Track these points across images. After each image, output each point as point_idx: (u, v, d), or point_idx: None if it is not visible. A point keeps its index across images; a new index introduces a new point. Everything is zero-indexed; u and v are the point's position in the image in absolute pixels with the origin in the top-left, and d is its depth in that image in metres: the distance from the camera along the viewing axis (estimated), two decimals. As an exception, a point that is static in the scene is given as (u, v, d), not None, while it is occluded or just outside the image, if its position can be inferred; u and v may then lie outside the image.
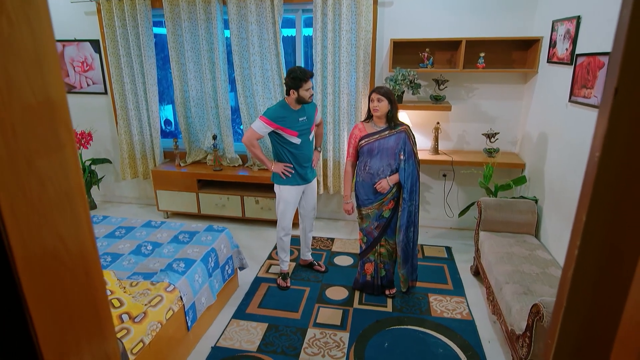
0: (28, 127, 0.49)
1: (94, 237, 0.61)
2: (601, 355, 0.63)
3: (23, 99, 0.48)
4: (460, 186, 3.94)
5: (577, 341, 0.66)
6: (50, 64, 0.52)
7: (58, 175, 0.54)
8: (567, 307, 0.61)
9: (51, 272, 0.53)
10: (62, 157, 0.55)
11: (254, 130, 2.76)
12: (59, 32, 4.20)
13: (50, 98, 0.52)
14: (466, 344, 2.52)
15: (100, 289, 0.64)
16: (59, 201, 0.54)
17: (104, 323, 0.65)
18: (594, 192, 0.53)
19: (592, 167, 0.52)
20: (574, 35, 2.63)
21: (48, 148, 0.52)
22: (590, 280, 0.58)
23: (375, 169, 2.68)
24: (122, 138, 4.31)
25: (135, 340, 1.90)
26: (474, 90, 3.68)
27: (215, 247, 2.73)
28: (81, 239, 0.58)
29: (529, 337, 1.99)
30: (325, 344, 2.52)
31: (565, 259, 0.59)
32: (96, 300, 0.63)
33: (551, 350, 0.70)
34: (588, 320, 0.62)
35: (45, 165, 0.51)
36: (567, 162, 2.72)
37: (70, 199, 0.56)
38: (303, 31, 3.94)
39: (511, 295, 2.34)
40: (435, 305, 2.89)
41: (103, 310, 0.65)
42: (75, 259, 0.58)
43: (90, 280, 0.61)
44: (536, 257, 2.71)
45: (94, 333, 0.63)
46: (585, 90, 2.46)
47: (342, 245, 3.77)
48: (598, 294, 0.59)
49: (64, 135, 0.55)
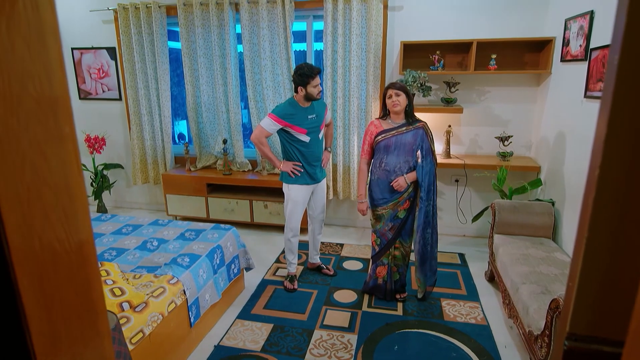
0: (29, 119, 0.49)
1: (92, 233, 0.60)
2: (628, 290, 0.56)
3: (23, 91, 0.48)
4: (474, 191, 3.85)
5: (601, 280, 0.59)
6: (53, 56, 0.52)
7: (58, 170, 0.54)
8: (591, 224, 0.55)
9: (48, 267, 0.52)
10: (63, 151, 0.54)
11: (263, 128, 2.75)
12: (78, 41, 4.33)
13: (52, 91, 0.52)
14: (481, 348, 2.38)
15: (97, 287, 0.63)
16: (58, 195, 0.54)
17: (99, 322, 0.64)
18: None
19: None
20: (588, 30, 2.58)
21: (48, 141, 0.52)
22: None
23: (392, 166, 2.61)
24: (134, 143, 4.36)
25: (134, 330, 1.84)
26: (486, 94, 3.64)
27: (221, 244, 2.68)
28: (79, 234, 0.58)
29: (548, 335, 1.87)
30: (332, 346, 2.41)
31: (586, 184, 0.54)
32: (92, 297, 0.63)
33: (573, 292, 0.64)
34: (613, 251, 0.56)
35: (45, 158, 0.51)
36: (584, 160, 2.62)
37: (70, 193, 0.56)
38: (314, 45, 3.98)
39: (528, 295, 2.22)
40: (448, 309, 2.77)
41: (99, 307, 0.64)
42: (72, 255, 0.57)
43: (86, 277, 0.61)
44: (554, 258, 2.59)
45: (88, 332, 0.62)
46: (601, 83, 2.39)
47: (351, 250, 3.68)
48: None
49: (66, 128, 0.55)
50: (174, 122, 4.80)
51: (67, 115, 0.55)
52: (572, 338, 0.65)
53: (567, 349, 0.65)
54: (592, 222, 0.56)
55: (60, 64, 0.53)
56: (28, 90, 0.48)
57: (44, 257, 0.52)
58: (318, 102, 2.87)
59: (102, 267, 2.21)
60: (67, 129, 0.55)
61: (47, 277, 0.52)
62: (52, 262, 0.53)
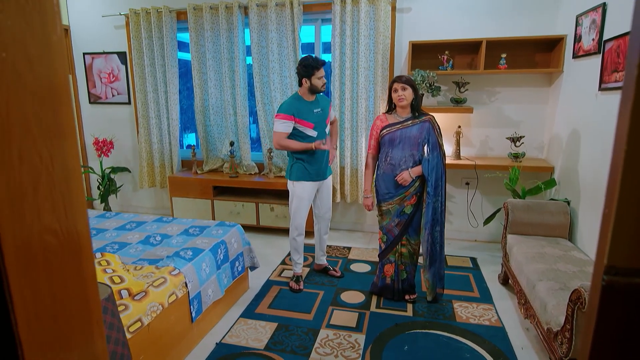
0: (27, 110, 0.48)
1: (88, 229, 0.59)
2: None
3: (21, 81, 0.46)
4: (485, 195, 3.75)
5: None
6: (55, 48, 0.51)
7: (55, 162, 0.52)
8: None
9: (41, 261, 0.51)
10: (61, 143, 0.53)
11: (278, 132, 2.71)
12: (90, 46, 4.41)
13: (51, 82, 0.51)
14: (496, 350, 2.25)
15: (91, 285, 0.61)
16: (55, 188, 0.52)
17: (93, 320, 0.62)
18: None
19: None
20: (601, 23, 2.53)
21: (47, 134, 0.51)
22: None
23: (397, 160, 2.56)
24: (142, 146, 4.36)
25: (133, 318, 1.77)
26: (496, 94, 3.58)
27: (225, 240, 2.62)
28: (75, 229, 0.56)
29: (569, 329, 1.75)
30: (339, 345, 2.30)
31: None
32: (87, 293, 0.60)
33: (610, 219, 0.57)
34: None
35: (43, 150, 0.50)
36: (600, 155, 2.54)
37: (68, 185, 0.55)
38: (322, 56, 3.99)
39: (546, 291, 2.10)
40: (460, 311, 2.65)
41: (93, 304, 0.62)
42: (66, 250, 0.55)
43: (81, 274, 0.59)
44: (572, 257, 2.47)
45: (81, 330, 0.60)
46: (616, 74, 2.33)
47: (359, 253, 3.58)
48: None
49: (64, 121, 0.53)
50: (182, 134, 4.82)
51: (66, 101, 0.53)
52: (612, 272, 0.57)
53: (606, 284, 0.58)
54: (632, 128, 0.50)
55: (62, 56, 0.52)
56: (25, 79, 0.47)
57: (35, 248, 0.49)
58: (322, 98, 2.86)
59: (103, 257, 2.15)
60: (65, 120, 0.53)
61: (37, 268, 0.50)
62: (44, 254, 0.51)
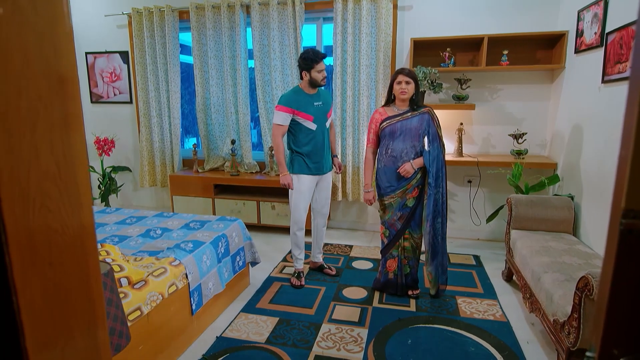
0: (33, 101, 0.48)
1: (93, 221, 0.59)
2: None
3: (31, 71, 0.47)
4: (487, 192, 3.72)
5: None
6: (62, 40, 0.52)
7: (61, 153, 0.53)
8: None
9: (45, 251, 0.51)
10: (67, 134, 0.53)
11: (277, 125, 2.71)
12: (92, 45, 4.42)
13: (60, 73, 0.51)
14: (501, 344, 2.21)
15: (94, 275, 0.61)
16: (59, 180, 0.53)
17: (96, 311, 0.62)
18: None
19: None
20: (603, 16, 2.54)
21: (53, 123, 0.51)
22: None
23: (398, 152, 2.54)
24: (143, 145, 4.36)
25: (132, 306, 1.74)
26: (498, 92, 3.58)
27: (226, 234, 2.59)
28: (80, 221, 0.57)
29: (577, 318, 1.72)
30: (341, 339, 2.27)
31: None
32: (90, 286, 0.60)
33: (627, 160, 0.55)
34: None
35: (48, 141, 0.51)
36: (603, 148, 2.52)
37: (74, 178, 0.55)
38: (326, 62, 3.97)
39: (551, 282, 2.07)
40: (464, 307, 2.61)
41: (96, 295, 0.62)
42: (71, 241, 0.55)
43: (85, 264, 0.59)
44: (577, 250, 2.44)
45: (84, 321, 0.60)
46: (619, 65, 2.32)
47: (361, 251, 3.55)
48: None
49: (72, 111, 0.54)
50: (184, 139, 4.81)
51: (74, 92, 0.53)
52: (630, 215, 0.56)
53: (624, 227, 0.56)
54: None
55: (70, 48, 0.53)
56: (33, 69, 0.47)
57: (40, 239, 0.49)
58: (324, 92, 2.85)
59: (103, 247, 2.12)
60: (73, 110, 0.53)
61: (43, 260, 0.50)
62: (48, 246, 0.51)
